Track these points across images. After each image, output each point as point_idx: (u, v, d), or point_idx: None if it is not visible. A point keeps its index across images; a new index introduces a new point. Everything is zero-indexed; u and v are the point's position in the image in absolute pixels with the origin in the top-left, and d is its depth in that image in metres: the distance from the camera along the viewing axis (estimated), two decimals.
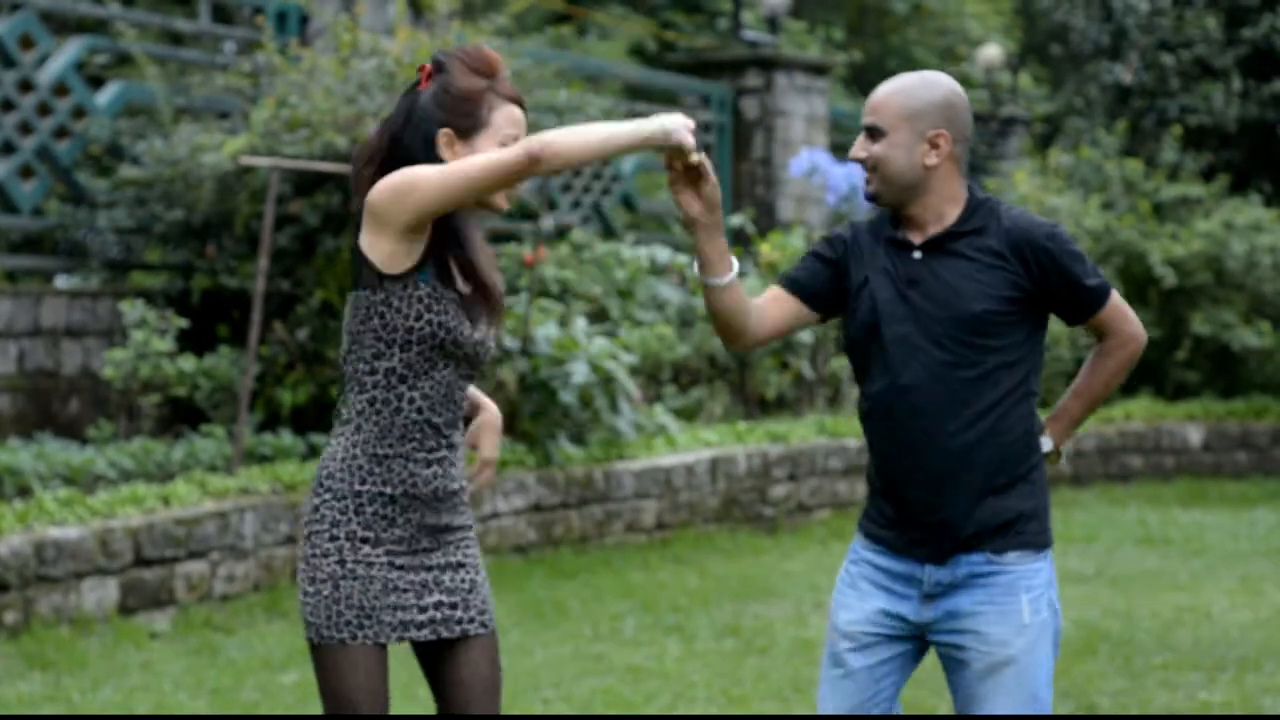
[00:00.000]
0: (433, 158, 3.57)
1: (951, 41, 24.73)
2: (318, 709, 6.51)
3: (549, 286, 11.39)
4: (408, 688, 6.72)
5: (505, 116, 3.62)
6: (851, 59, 21.81)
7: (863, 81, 22.80)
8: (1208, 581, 9.26)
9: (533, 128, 11.58)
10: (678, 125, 3.45)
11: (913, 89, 3.72)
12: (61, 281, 10.94)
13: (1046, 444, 3.78)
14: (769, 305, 3.81)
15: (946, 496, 3.67)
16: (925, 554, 3.71)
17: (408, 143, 3.59)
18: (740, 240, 14.41)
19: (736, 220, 13.85)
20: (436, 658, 3.70)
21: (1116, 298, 3.77)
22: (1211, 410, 13.99)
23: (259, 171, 9.42)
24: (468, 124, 3.59)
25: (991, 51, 21.03)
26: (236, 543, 8.10)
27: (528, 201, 12.80)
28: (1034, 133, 20.97)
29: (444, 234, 3.59)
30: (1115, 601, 8.61)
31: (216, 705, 6.56)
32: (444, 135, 3.58)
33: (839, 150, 15.94)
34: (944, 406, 3.65)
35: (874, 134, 3.72)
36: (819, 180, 14.15)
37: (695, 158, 3.50)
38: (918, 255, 3.71)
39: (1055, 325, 13.73)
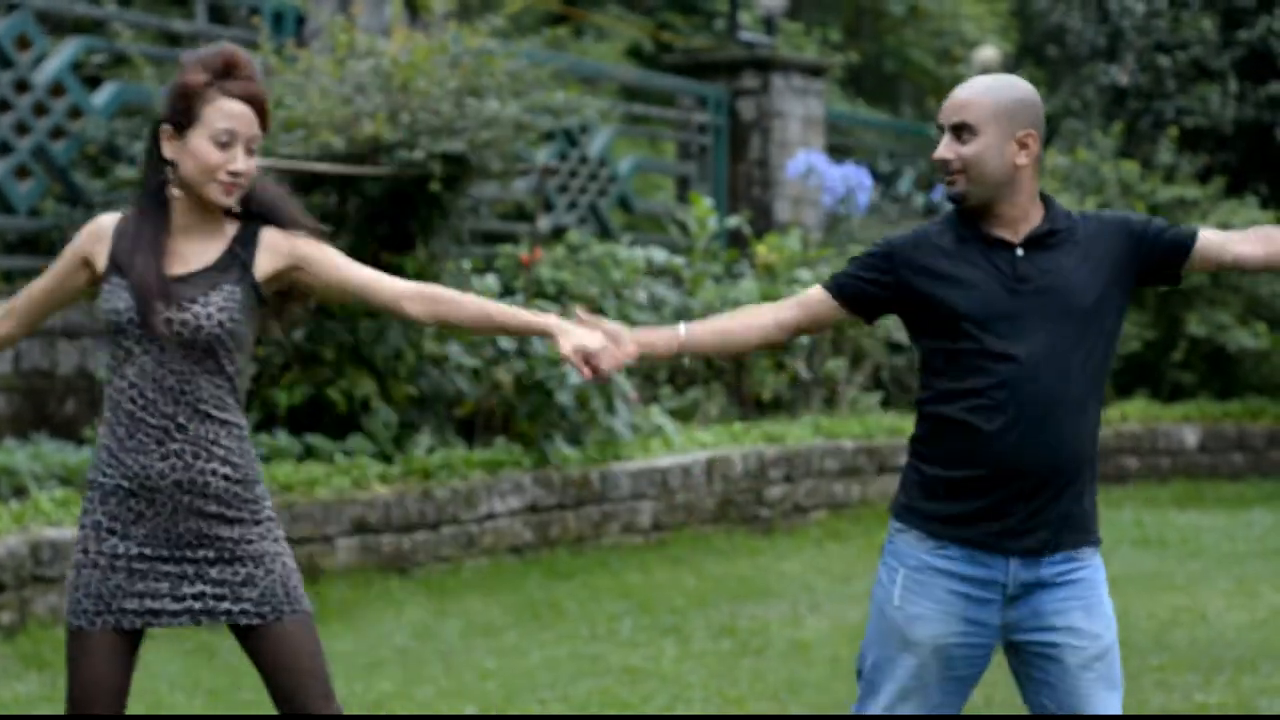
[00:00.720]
0: (158, 151, 3.69)
1: (948, 43, 24.72)
2: None
3: (545, 287, 11.38)
4: (405, 688, 6.72)
5: (220, 111, 3.64)
6: (848, 60, 21.80)
7: (859, 83, 22.81)
8: (1204, 583, 9.27)
9: (530, 128, 11.40)
10: None
11: (998, 88, 3.72)
12: None
13: None
14: (800, 316, 3.84)
15: (1057, 491, 3.67)
16: (1020, 548, 3.67)
17: (153, 141, 3.71)
18: (737, 242, 14.41)
19: (733, 221, 13.85)
20: (248, 648, 3.73)
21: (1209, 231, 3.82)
22: (1207, 411, 14.00)
23: None
24: (181, 119, 3.65)
25: (988, 53, 21.02)
26: None
27: (524, 202, 12.80)
28: None
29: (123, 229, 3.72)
30: (1111, 602, 8.61)
31: (213, 705, 6.56)
32: (164, 131, 3.68)
33: (836, 152, 15.96)
34: (1072, 400, 3.66)
35: (962, 133, 3.70)
36: (816, 182, 14.17)
37: None
38: (1020, 253, 3.71)
39: None
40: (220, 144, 3.62)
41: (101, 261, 3.73)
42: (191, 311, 3.64)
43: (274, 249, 3.77)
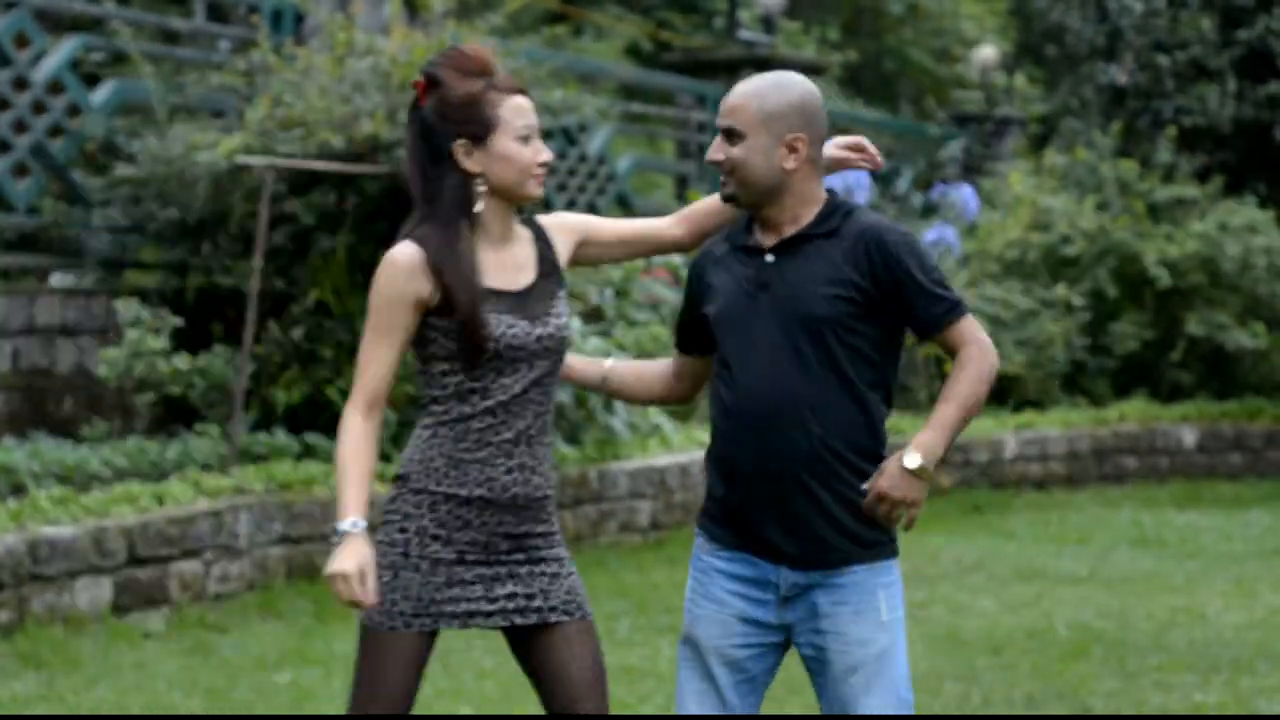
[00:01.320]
0: (453, 171, 3.63)
1: (947, 42, 24.74)
2: (312, 709, 6.50)
3: None
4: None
5: (512, 109, 3.64)
6: (847, 59, 21.81)
7: (858, 82, 22.81)
8: (1202, 583, 9.27)
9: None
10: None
11: (768, 91, 3.68)
12: (56, 280, 10.92)
13: (914, 460, 3.56)
14: (680, 367, 3.96)
15: (801, 500, 3.62)
16: (779, 557, 3.66)
17: (432, 164, 3.63)
18: None
19: None
20: (531, 651, 3.71)
21: (971, 319, 3.65)
22: (1206, 412, 13.99)
23: (254, 170, 9.41)
24: (478, 129, 3.63)
25: (987, 52, 21.04)
26: (231, 542, 8.09)
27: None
28: (1029, 133, 20.97)
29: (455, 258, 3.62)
30: (1109, 603, 8.62)
31: (210, 705, 6.55)
32: (459, 147, 3.63)
33: None
34: (798, 408, 3.60)
35: (731, 137, 3.68)
36: None
37: None
38: (769, 259, 3.68)
39: (1049, 325, 13.74)
40: (524, 139, 3.64)
41: (435, 296, 3.60)
42: (554, 324, 3.68)
43: (563, 232, 3.83)
